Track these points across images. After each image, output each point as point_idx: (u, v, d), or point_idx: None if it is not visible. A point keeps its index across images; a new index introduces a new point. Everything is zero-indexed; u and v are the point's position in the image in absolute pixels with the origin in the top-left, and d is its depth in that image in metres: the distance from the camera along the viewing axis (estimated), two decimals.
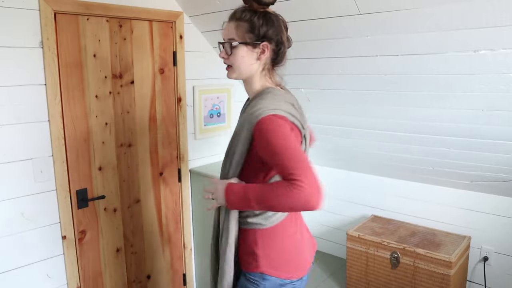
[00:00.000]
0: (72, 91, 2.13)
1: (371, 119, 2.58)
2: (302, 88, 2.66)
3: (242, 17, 1.37)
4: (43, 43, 1.97)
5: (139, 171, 2.48)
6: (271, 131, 1.27)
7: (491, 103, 2.02)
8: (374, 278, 2.85)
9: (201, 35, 2.71)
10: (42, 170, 2.04)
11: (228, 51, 1.39)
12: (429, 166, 2.73)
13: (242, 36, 1.37)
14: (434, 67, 1.98)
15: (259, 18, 1.37)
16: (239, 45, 1.37)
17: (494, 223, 2.73)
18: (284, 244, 1.46)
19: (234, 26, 1.37)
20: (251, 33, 1.37)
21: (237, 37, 1.37)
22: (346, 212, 3.42)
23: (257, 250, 1.43)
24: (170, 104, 2.58)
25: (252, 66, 1.41)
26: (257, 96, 1.41)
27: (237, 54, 1.38)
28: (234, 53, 1.38)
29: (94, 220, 2.30)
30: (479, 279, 2.84)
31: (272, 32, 1.39)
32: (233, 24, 1.38)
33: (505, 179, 2.50)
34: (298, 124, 1.38)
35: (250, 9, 1.37)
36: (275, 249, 1.44)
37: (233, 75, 1.44)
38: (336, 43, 2.15)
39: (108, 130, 2.30)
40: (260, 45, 1.38)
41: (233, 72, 1.43)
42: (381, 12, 1.83)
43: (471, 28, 1.69)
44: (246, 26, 1.36)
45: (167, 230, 2.67)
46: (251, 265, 1.44)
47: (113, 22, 2.25)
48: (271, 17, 1.40)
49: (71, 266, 2.20)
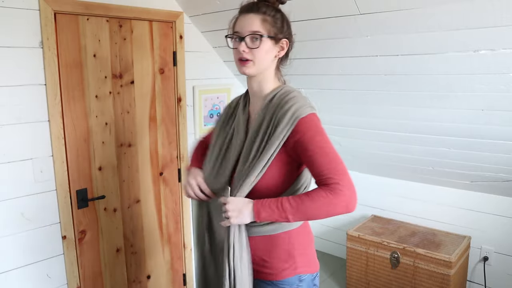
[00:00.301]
0: (72, 91, 2.13)
1: (371, 119, 2.58)
2: (302, 88, 2.66)
3: (267, 12, 1.32)
4: (43, 43, 1.97)
5: (139, 171, 2.48)
6: (314, 131, 1.27)
7: (491, 103, 2.02)
8: (374, 278, 2.85)
9: (201, 35, 2.71)
10: (42, 170, 2.04)
11: (257, 44, 1.31)
12: (429, 166, 2.73)
13: (268, 30, 1.32)
14: (434, 67, 1.98)
15: (282, 15, 1.36)
16: (266, 38, 1.32)
17: (494, 223, 2.73)
18: (312, 236, 1.47)
19: (260, 19, 1.31)
20: (276, 29, 1.33)
21: (264, 31, 1.31)
22: None
23: (294, 251, 1.38)
24: (170, 104, 2.58)
25: (271, 63, 1.38)
26: (277, 94, 1.37)
27: (262, 48, 1.32)
28: (260, 46, 1.32)
29: (94, 220, 2.30)
30: (479, 279, 2.84)
31: (290, 31, 1.39)
32: (259, 17, 1.31)
33: (505, 179, 2.50)
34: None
35: (267, 4, 1.34)
36: (309, 245, 1.43)
37: (251, 70, 1.35)
38: (336, 43, 2.15)
39: (108, 130, 2.30)
40: (281, 42, 1.36)
41: (253, 67, 1.34)
42: (381, 12, 1.83)
43: (471, 28, 1.69)
44: (272, 21, 1.33)
45: (167, 230, 2.67)
46: (285, 272, 1.37)
47: (113, 22, 2.25)
48: (286, 16, 1.39)
49: (71, 266, 2.20)
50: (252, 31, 1.31)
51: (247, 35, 1.31)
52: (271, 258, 1.38)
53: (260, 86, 1.40)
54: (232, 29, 1.37)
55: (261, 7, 1.32)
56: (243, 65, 1.34)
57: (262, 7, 1.32)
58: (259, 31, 1.31)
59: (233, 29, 1.36)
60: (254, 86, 1.41)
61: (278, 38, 1.35)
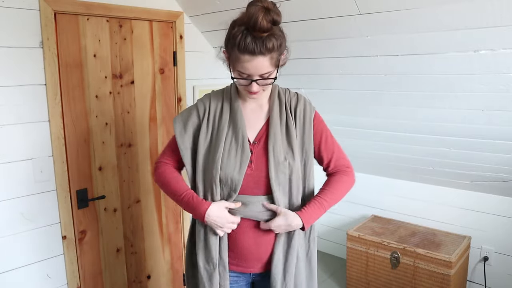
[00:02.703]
0: (72, 91, 2.13)
1: (371, 119, 2.58)
2: (302, 88, 2.66)
3: (271, 48, 1.24)
4: (43, 43, 1.97)
5: (139, 171, 2.48)
6: (324, 123, 1.50)
7: (491, 103, 2.02)
8: (374, 278, 2.85)
9: (201, 35, 2.71)
10: (42, 170, 2.04)
11: (267, 82, 1.30)
12: (429, 166, 2.73)
13: (275, 63, 1.29)
14: (434, 67, 1.98)
15: (280, 35, 1.28)
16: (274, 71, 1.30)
17: (494, 223, 2.73)
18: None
19: (268, 60, 1.25)
20: (278, 55, 1.30)
21: (273, 67, 1.28)
22: (346, 212, 3.42)
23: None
24: (170, 104, 2.58)
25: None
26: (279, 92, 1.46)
27: (271, 80, 1.32)
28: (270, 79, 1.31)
29: (94, 220, 2.30)
30: (479, 279, 2.83)
31: (286, 39, 1.33)
32: (267, 58, 1.25)
33: (505, 179, 2.50)
34: None
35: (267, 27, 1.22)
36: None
37: (260, 97, 1.40)
38: (336, 43, 2.15)
39: (108, 130, 2.30)
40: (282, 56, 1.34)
41: (262, 94, 1.37)
42: (381, 12, 1.83)
43: (471, 28, 1.69)
44: (277, 52, 1.27)
45: (167, 230, 2.67)
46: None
47: (113, 22, 2.25)
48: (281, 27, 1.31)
49: (71, 266, 2.20)
50: (263, 74, 1.28)
51: (258, 79, 1.28)
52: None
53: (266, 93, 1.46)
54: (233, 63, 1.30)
55: (264, 46, 1.22)
56: (252, 96, 1.35)
57: (268, 43, 1.23)
58: (269, 71, 1.28)
59: (236, 67, 1.29)
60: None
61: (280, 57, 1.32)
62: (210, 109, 1.44)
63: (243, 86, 1.33)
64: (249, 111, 1.44)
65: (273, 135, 1.39)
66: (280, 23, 1.26)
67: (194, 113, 1.45)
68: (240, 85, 1.34)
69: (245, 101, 1.45)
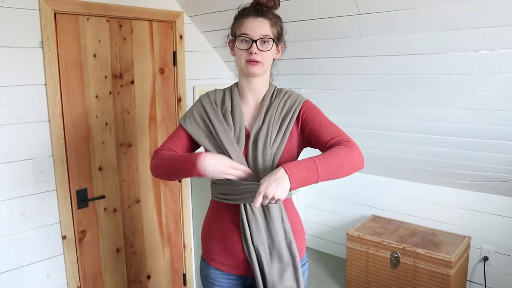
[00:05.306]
0: (72, 91, 2.13)
1: (371, 119, 2.58)
2: (302, 88, 2.66)
3: (273, 17, 1.40)
4: (43, 43, 1.97)
5: (139, 171, 2.48)
6: (316, 110, 1.46)
7: (491, 103, 2.02)
8: (374, 278, 2.85)
9: (201, 35, 2.71)
10: (42, 170, 2.04)
11: (267, 47, 1.38)
12: (429, 166, 2.73)
13: (274, 34, 1.40)
14: (434, 67, 1.98)
15: (281, 21, 1.44)
16: (272, 42, 1.40)
17: (494, 223, 2.73)
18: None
19: (269, 23, 1.39)
20: (278, 34, 1.42)
21: (272, 35, 1.39)
22: (346, 212, 3.42)
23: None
24: (170, 104, 2.58)
25: (271, 64, 1.47)
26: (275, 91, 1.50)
27: (271, 52, 1.40)
28: (269, 49, 1.39)
29: (94, 220, 2.30)
30: (479, 279, 2.84)
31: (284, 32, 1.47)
32: (268, 21, 1.39)
33: (505, 179, 2.50)
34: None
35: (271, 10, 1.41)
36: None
37: (260, 71, 1.41)
38: (336, 43, 2.15)
39: (108, 130, 2.30)
40: (279, 45, 1.45)
41: (261, 68, 1.41)
42: (381, 12, 1.83)
43: (471, 28, 1.69)
44: (276, 26, 1.41)
45: (167, 230, 2.67)
46: (303, 251, 1.51)
47: (113, 22, 2.25)
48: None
49: (71, 266, 2.20)
50: (264, 35, 1.37)
51: (259, 38, 1.36)
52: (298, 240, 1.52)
53: (260, 86, 1.48)
54: (237, 31, 1.41)
55: (268, 13, 1.39)
56: (252, 65, 1.39)
57: (269, 13, 1.39)
58: (269, 35, 1.38)
59: (240, 31, 1.39)
60: (256, 85, 1.47)
61: (278, 42, 1.44)
62: (216, 100, 1.53)
63: (244, 51, 1.38)
64: (246, 105, 1.51)
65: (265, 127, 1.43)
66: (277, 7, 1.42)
67: (198, 104, 1.53)
68: (242, 49, 1.38)
69: (244, 97, 1.51)
